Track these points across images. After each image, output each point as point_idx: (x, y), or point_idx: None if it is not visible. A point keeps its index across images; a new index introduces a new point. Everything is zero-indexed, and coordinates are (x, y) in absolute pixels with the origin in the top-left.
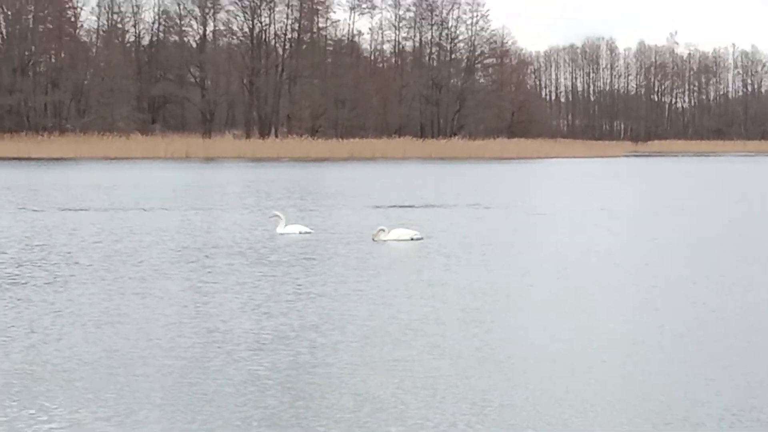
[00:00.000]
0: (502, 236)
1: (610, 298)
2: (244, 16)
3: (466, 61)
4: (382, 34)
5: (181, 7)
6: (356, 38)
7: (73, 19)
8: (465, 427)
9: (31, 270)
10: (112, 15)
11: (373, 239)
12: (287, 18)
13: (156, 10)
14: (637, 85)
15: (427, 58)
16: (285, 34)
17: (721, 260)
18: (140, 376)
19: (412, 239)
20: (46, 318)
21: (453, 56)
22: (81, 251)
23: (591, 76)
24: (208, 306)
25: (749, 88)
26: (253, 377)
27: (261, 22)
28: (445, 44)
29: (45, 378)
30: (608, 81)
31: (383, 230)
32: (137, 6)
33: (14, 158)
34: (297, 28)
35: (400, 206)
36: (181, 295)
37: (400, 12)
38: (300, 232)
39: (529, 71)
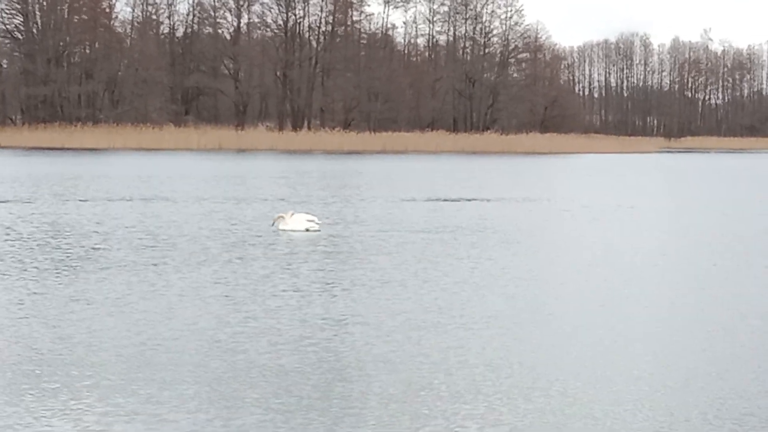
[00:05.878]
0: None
1: (640, 294)
2: (279, 9)
3: (499, 55)
4: (416, 27)
5: None
6: (390, 32)
7: (107, 10)
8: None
9: (85, 257)
10: (146, 6)
11: (274, 225)
12: (321, 11)
13: (191, 1)
14: (670, 81)
15: (460, 52)
16: (319, 27)
17: (757, 256)
18: (170, 365)
19: (307, 230)
20: (88, 305)
21: (487, 51)
22: (122, 239)
23: (624, 72)
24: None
25: None
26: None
27: (295, 15)
28: (479, 38)
29: (75, 364)
30: (642, 77)
31: (282, 217)
32: None
33: (48, 148)
34: (331, 21)
35: (423, 200)
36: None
37: (435, 6)
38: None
39: (562, 66)
